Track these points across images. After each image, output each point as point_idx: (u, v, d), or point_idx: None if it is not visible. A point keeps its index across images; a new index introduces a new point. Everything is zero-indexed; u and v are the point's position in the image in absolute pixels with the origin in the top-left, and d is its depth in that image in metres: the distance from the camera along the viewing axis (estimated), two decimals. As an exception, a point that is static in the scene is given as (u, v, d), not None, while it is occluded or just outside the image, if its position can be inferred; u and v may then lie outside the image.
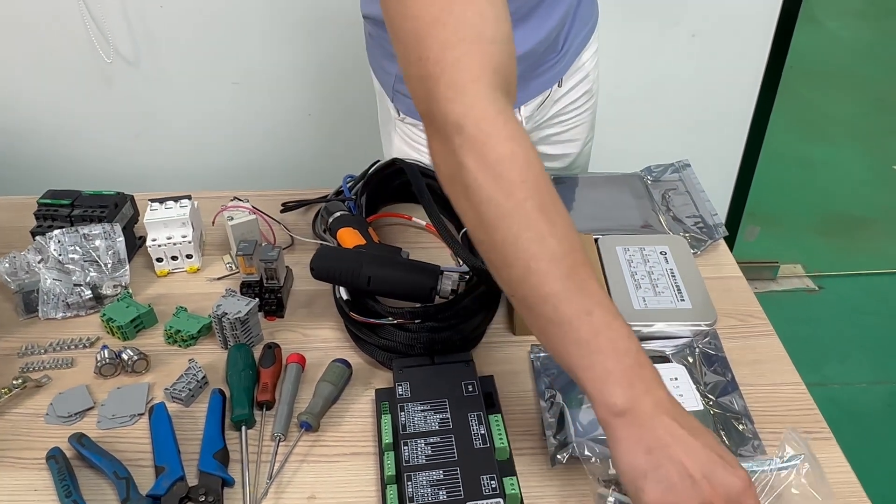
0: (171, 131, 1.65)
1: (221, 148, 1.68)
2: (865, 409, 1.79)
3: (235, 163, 1.69)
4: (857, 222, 2.42)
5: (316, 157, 1.68)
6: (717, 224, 0.96)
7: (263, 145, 1.68)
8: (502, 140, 0.57)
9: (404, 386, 0.72)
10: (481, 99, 0.57)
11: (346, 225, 0.88)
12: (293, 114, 1.66)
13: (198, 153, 1.68)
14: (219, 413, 0.73)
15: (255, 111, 1.64)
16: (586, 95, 1.11)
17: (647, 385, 0.54)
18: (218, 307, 0.80)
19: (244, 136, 1.66)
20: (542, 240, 0.56)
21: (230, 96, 1.61)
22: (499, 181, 0.56)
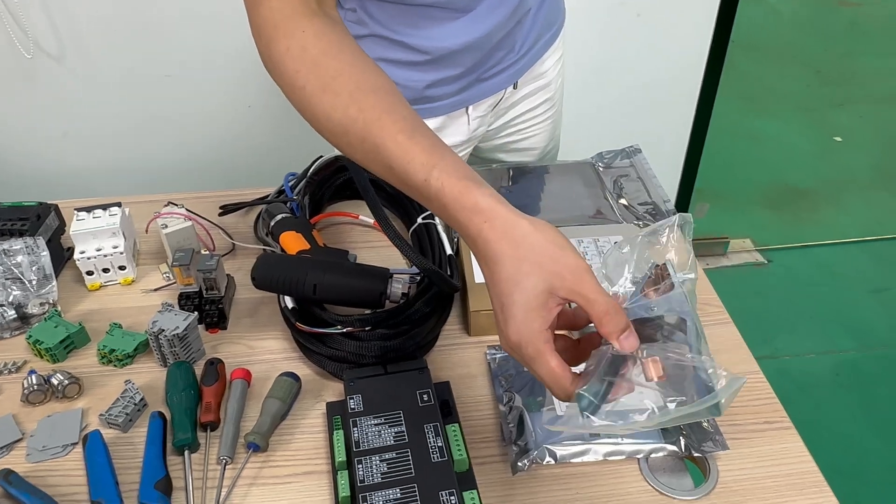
0: (100, 130, 1.57)
1: (155, 146, 1.60)
2: (814, 379, 1.83)
3: (171, 162, 1.62)
4: (803, 194, 2.46)
5: (258, 154, 1.62)
6: (670, 210, 0.95)
7: (200, 142, 1.61)
8: (279, 39, 0.64)
9: (356, 399, 0.68)
10: (283, 4, 0.64)
11: (289, 228, 0.83)
12: (232, 107, 1.59)
13: (130, 152, 1.60)
14: (159, 438, 0.68)
15: (190, 105, 1.57)
16: (547, 104, 1.08)
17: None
18: (154, 324, 0.75)
19: (179, 132, 1.59)
20: (329, 118, 0.61)
21: (163, 90, 1.54)
22: (282, 77, 0.64)
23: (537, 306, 0.50)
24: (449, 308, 0.80)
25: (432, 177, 0.54)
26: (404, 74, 0.92)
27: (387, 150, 0.56)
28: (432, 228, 0.88)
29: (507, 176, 1.03)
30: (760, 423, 0.71)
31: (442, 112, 0.98)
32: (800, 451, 0.68)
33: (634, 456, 0.67)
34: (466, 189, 0.53)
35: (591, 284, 0.50)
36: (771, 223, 2.34)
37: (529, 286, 0.50)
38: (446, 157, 0.55)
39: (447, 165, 0.54)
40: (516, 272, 0.51)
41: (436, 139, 0.57)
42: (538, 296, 0.50)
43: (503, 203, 0.53)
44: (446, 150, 0.56)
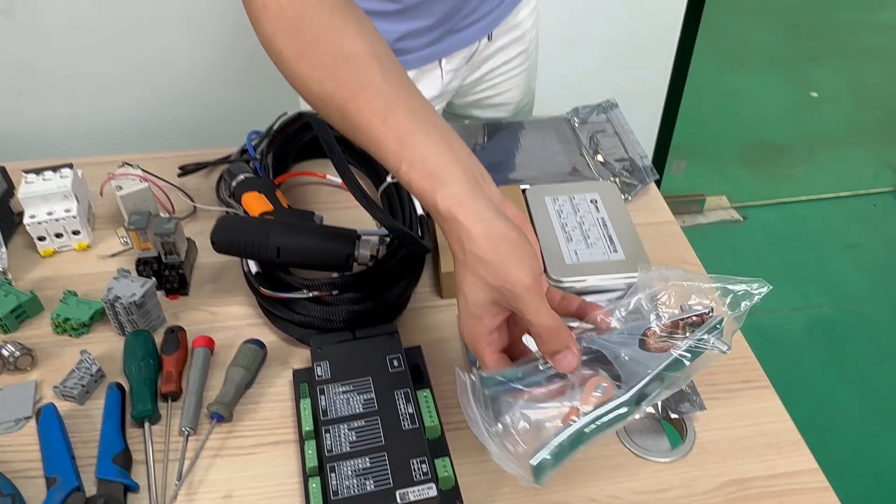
0: (54, 88, 1.49)
1: (112, 104, 1.53)
2: (788, 335, 1.85)
3: (129, 121, 1.55)
4: (779, 150, 2.46)
5: (222, 112, 1.55)
6: (647, 167, 0.92)
7: (161, 100, 1.54)
8: None
9: (323, 366, 0.65)
10: None
11: (251, 189, 0.80)
12: (195, 63, 1.52)
13: (86, 111, 1.52)
14: (117, 410, 0.65)
15: (149, 62, 1.49)
16: (521, 56, 1.04)
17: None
18: (109, 291, 0.71)
19: (138, 90, 1.52)
20: (307, 89, 0.58)
21: (121, 46, 1.46)
22: (260, 37, 0.61)
23: (479, 314, 0.51)
24: (420, 270, 0.78)
25: (402, 170, 0.53)
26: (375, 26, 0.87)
27: (363, 132, 0.55)
28: (402, 188, 0.84)
29: (481, 132, 0.99)
30: (738, 382, 0.70)
31: (414, 65, 0.94)
32: (777, 410, 0.67)
33: (611, 418, 0.66)
34: (430, 187, 0.52)
35: (529, 304, 0.49)
36: (747, 180, 2.33)
37: (471, 295, 0.51)
38: (416, 148, 0.53)
39: (416, 158, 0.52)
40: (462, 280, 0.51)
41: (410, 119, 0.54)
42: (479, 305, 0.51)
43: (462, 205, 0.51)
44: (417, 137, 0.53)
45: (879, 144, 2.46)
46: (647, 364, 0.50)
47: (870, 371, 1.76)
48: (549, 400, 0.51)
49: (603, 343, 0.52)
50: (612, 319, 0.53)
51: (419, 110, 0.55)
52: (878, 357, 1.79)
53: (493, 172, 0.89)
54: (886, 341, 1.84)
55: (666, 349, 0.50)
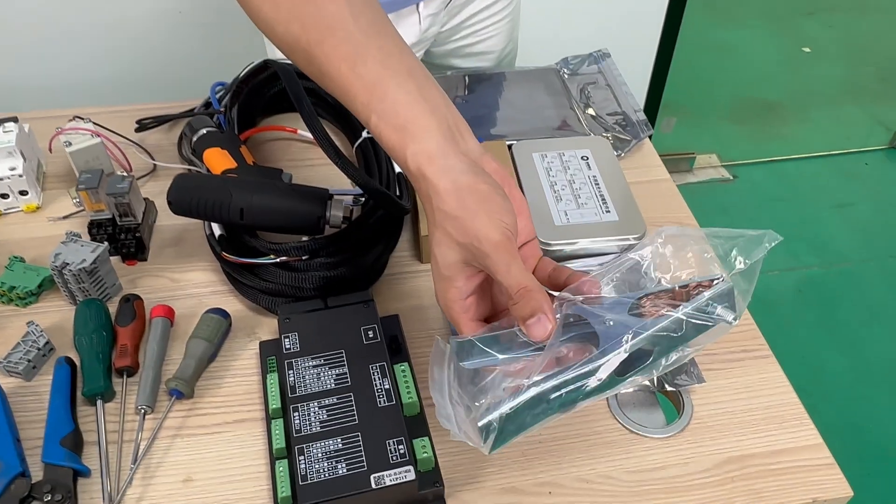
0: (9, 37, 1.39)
1: (72, 56, 1.43)
2: (778, 296, 1.82)
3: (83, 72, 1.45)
4: (770, 108, 2.40)
5: (188, 64, 1.46)
6: (641, 121, 0.86)
7: (124, 51, 1.45)
8: None
9: (292, 338, 0.60)
10: None
11: (213, 145, 0.73)
12: (159, 11, 1.43)
13: (40, 63, 1.42)
14: (66, 387, 0.60)
15: (111, 10, 1.40)
16: (504, 1, 0.97)
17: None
18: (56, 257, 0.65)
19: (94, 38, 1.42)
20: (272, 31, 0.52)
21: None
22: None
23: (450, 276, 0.47)
24: (398, 233, 0.72)
25: (371, 122, 0.48)
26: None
27: (332, 80, 0.49)
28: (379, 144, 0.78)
29: (462, 84, 0.93)
30: (738, 351, 0.65)
31: (390, 10, 0.87)
32: (779, 381, 0.63)
33: (603, 391, 0.61)
34: (401, 142, 0.47)
35: (497, 262, 0.45)
36: (737, 138, 2.28)
37: (441, 256, 0.47)
38: (386, 97, 0.47)
39: (386, 110, 0.47)
40: (432, 240, 0.47)
41: (381, 66, 0.48)
42: (449, 266, 0.47)
43: (432, 160, 0.46)
44: (389, 85, 0.47)
45: (872, 101, 2.41)
46: (633, 327, 0.43)
47: (859, 332, 1.74)
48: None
49: (588, 311, 0.45)
50: (602, 288, 0.47)
51: (393, 55, 0.49)
52: (868, 318, 1.77)
53: (475, 127, 0.82)
54: (876, 302, 1.81)
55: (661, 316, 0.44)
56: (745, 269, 0.47)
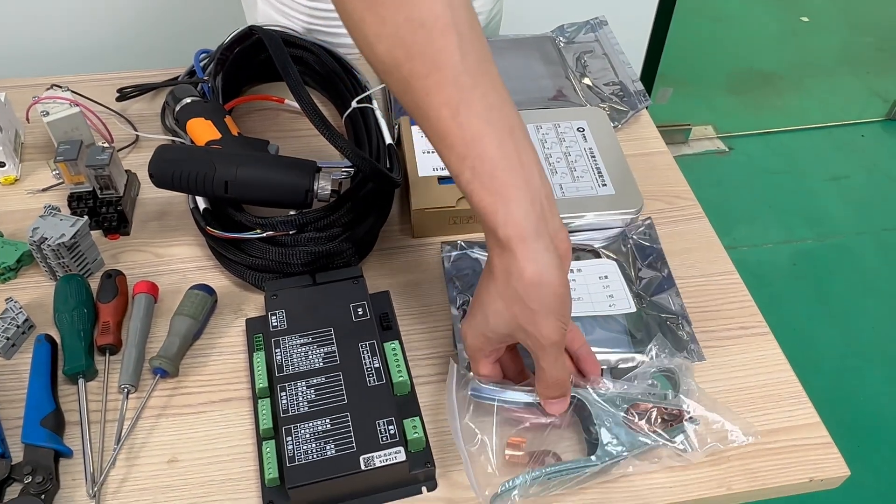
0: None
1: (47, 22, 1.38)
2: (772, 269, 1.81)
3: (63, 37, 1.40)
4: (767, 79, 2.37)
5: (172, 30, 1.42)
6: (639, 91, 0.84)
7: (105, 16, 1.40)
8: None
9: (279, 315, 0.58)
10: None
11: (197, 115, 0.70)
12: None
13: (14, 28, 1.37)
14: (46, 366, 0.58)
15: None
16: None
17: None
18: (34, 231, 0.63)
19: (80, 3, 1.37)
20: (372, 49, 0.47)
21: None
22: None
23: (492, 338, 0.51)
24: (388, 206, 0.70)
25: (463, 178, 0.46)
26: None
27: (428, 120, 0.47)
28: (369, 113, 0.76)
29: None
30: (735, 328, 0.64)
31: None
32: (777, 358, 0.62)
33: (598, 369, 0.60)
34: (492, 207, 0.46)
35: (549, 357, 0.49)
36: (734, 109, 2.25)
37: (493, 322, 0.49)
38: (486, 158, 0.45)
39: (484, 171, 0.45)
40: (489, 302, 0.49)
41: (484, 120, 0.45)
42: (496, 332, 0.50)
43: (524, 240, 0.46)
44: (489, 144, 0.45)
45: (870, 73, 2.39)
46: (623, 443, 0.53)
47: (852, 306, 1.73)
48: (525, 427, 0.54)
49: (593, 400, 0.54)
50: (607, 383, 0.55)
51: (496, 108, 0.46)
52: (861, 291, 1.77)
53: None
54: (869, 276, 1.81)
55: (643, 430, 0.54)
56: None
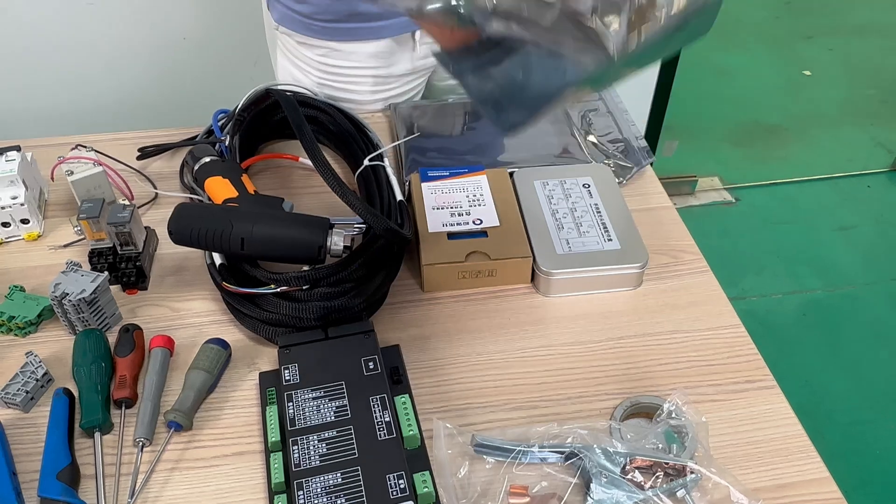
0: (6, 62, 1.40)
1: (73, 83, 1.44)
2: (782, 319, 1.81)
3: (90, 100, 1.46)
4: (771, 130, 2.41)
5: (194, 90, 1.47)
6: (643, 148, 0.87)
7: (127, 78, 1.46)
8: None
9: (292, 369, 0.60)
10: None
11: (215, 173, 0.73)
12: (163, 38, 1.44)
13: (42, 90, 1.43)
14: (64, 419, 0.59)
15: (115, 37, 1.41)
16: None
17: None
18: (56, 287, 0.65)
19: (103, 67, 1.43)
20: None
21: (84, 20, 1.38)
22: None
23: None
24: (399, 262, 0.72)
25: None
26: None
27: None
28: (380, 171, 0.78)
29: (463, 112, 0.93)
30: (742, 382, 0.65)
31: (386, 34, 0.87)
32: (784, 412, 0.62)
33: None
34: None
35: None
36: (739, 161, 2.28)
37: None
38: None
39: None
40: None
41: None
42: None
43: None
44: None
45: (873, 124, 2.42)
46: (617, 500, 0.54)
47: (864, 356, 1.72)
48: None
49: (594, 459, 0.55)
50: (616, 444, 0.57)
51: None
52: (872, 342, 1.76)
53: (478, 155, 0.83)
54: (880, 326, 1.80)
55: (642, 485, 0.55)
56: None
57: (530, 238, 0.73)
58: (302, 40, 0.90)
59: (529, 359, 0.66)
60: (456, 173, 0.79)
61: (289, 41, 0.91)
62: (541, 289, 0.72)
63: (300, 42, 0.90)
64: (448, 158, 0.84)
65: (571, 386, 0.64)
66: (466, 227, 0.73)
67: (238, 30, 1.44)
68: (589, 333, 0.68)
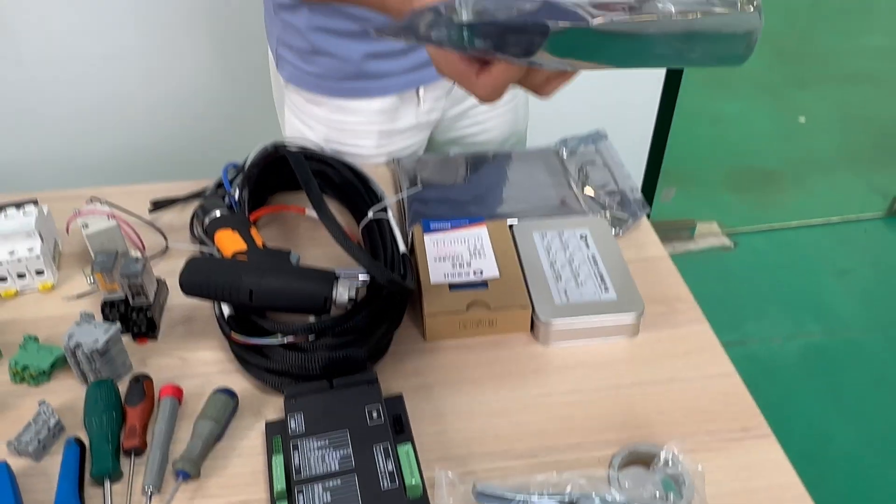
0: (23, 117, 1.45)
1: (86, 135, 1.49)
2: (783, 364, 1.82)
3: (103, 152, 1.51)
4: (768, 176, 2.45)
5: (202, 144, 1.52)
6: (639, 200, 0.89)
7: (138, 131, 1.50)
8: None
9: (297, 418, 0.61)
10: None
11: (225, 227, 0.76)
12: (174, 93, 1.49)
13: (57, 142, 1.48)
14: (74, 468, 0.61)
15: (127, 92, 1.46)
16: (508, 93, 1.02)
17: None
18: (70, 338, 0.67)
19: (115, 120, 1.48)
20: None
21: (98, 76, 1.43)
22: None
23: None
24: (402, 312, 0.74)
25: None
26: (344, 46, 0.85)
27: None
28: (384, 223, 0.81)
29: (465, 164, 0.96)
30: (737, 430, 0.66)
31: (391, 90, 0.91)
32: (780, 461, 0.64)
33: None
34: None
35: None
36: (737, 206, 2.32)
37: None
38: None
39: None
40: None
41: None
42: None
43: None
44: None
45: (868, 169, 2.46)
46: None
47: (865, 400, 1.73)
48: None
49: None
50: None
51: None
52: (873, 386, 1.76)
53: (478, 207, 0.86)
54: (882, 370, 1.81)
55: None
56: None
57: (529, 288, 0.75)
58: (310, 98, 0.93)
59: (529, 407, 0.68)
60: (457, 225, 0.82)
61: (297, 98, 0.95)
62: (540, 338, 0.74)
63: (308, 100, 0.94)
64: (450, 209, 0.87)
65: (570, 434, 0.65)
66: (467, 277, 0.76)
67: (245, 85, 1.50)
68: (587, 382, 0.70)
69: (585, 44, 0.44)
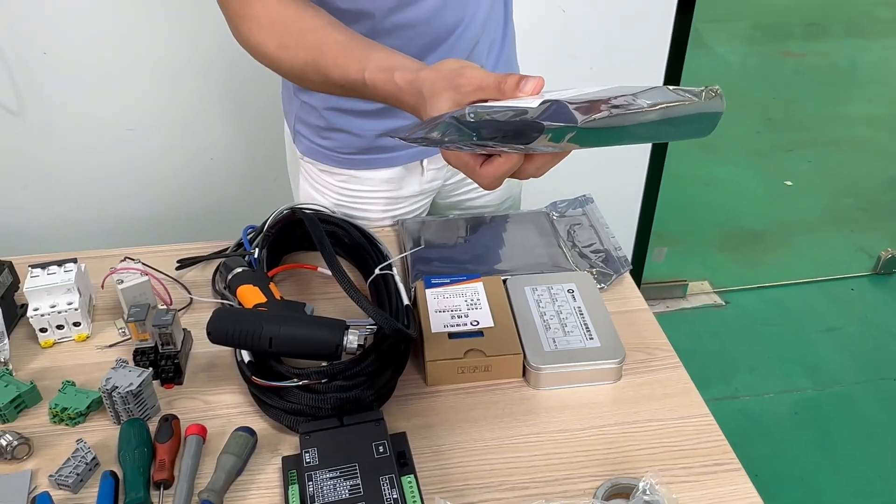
0: (61, 183, 1.56)
1: (117, 200, 1.60)
2: (774, 418, 1.87)
3: (132, 215, 1.61)
4: (757, 237, 2.54)
5: (221, 206, 1.62)
6: (622, 257, 0.98)
7: (163, 195, 1.61)
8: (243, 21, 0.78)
9: (311, 453, 0.68)
10: None
11: (246, 282, 0.84)
12: (194, 159, 1.60)
13: (91, 206, 1.59)
14: (110, 498, 0.67)
15: (153, 159, 1.58)
16: None
17: None
18: (107, 381, 0.74)
19: (142, 186, 1.59)
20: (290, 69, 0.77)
21: (125, 144, 1.54)
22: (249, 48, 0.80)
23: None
24: (405, 358, 0.81)
25: (366, 78, 0.69)
26: (357, 123, 0.95)
27: (334, 75, 0.72)
28: (390, 279, 0.89)
29: (465, 226, 1.05)
30: (710, 465, 0.72)
31: (399, 163, 1.01)
32: (748, 491, 0.70)
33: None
34: (387, 74, 0.67)
35: (474, 75, 0.59)
36: (727, 265, 2.40)
37: (439, 108, 0.59)
38: (372, 59, 0.69)
39: (373, 66, 0.69)
40: (430, 106, 0.61)
41: (364, 46, 0.72)
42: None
43: (413, 71, 0.65)
44: (373, 51, 0.70)
45: (853, 230, 2.56)
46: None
47: (856, 454, 1.77)
48: None
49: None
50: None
51: (371, 44, 0.72)
52: (864, 439, 1.81)
53: (477, 264, 0.94)
54: (872, 424, 1.85)
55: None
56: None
57: (521, 337, 0.83)
58: (324, 168, 1.03)
59: (521, 445, 0.74)
60: (456, 280, 0.90)
61: (312, 169, 1.05)
62: (531, 382, 0.81)
63: (322, 169, 1.04)
64: (449, 267, 0.95)
65: (558, 469, 0.72)
66: (465, 327, 0.83)
67: (259, 151, 1.61)
68: (574, 422, 0.77)
69: (575, 135, 0.53)
